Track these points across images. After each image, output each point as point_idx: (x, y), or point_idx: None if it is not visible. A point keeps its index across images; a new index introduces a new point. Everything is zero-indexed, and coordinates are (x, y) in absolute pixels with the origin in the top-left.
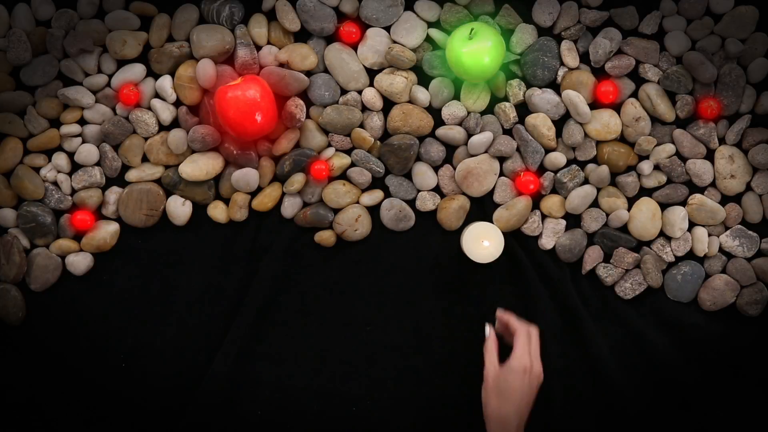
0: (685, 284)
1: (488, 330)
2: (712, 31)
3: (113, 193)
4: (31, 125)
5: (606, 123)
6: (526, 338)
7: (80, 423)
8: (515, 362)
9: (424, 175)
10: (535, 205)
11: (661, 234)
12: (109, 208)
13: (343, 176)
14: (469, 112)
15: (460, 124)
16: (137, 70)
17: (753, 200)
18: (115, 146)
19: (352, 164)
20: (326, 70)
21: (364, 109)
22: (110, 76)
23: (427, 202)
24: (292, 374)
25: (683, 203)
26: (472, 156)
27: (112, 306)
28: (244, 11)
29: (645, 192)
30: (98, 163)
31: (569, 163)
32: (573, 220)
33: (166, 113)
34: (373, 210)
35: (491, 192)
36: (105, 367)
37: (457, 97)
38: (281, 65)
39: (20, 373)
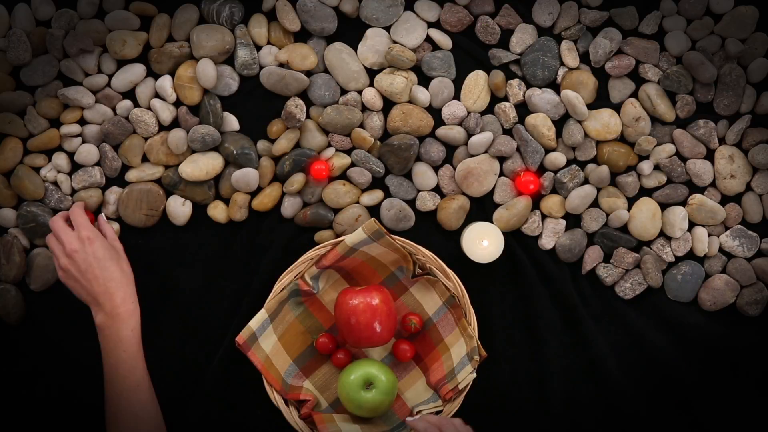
0: (685, 284)
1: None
2: (712, 31)
3: (113, 193)
4: (31, 125)
5: (606, 123)
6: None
7: (81, 422)
8: None
9: (424, 175)
10: (535, 205)
11: (661, 234)
12: (109, 208)
13: (343, 176)
14: (469, 112)
15: (460, 124)
16: (137, 70)
17: (753, 200)
18: (115, 146)
19: (352, 164)
20: (326, 70)
21: (364, 109)
22: (110, 76)
23: (427, 202)
24: None
25: (683, 203)
26: (472, 156)
27: None
28: (244, 11)
29: (645, 192)
30: (98, 163)
31: (569, 163)
32: (573, 220)
33: (166, 113)
34: (373, 210)
35: (491, 192)
36: None
37: (457, 97)
38: (281, 65)
39: (20, 373)
